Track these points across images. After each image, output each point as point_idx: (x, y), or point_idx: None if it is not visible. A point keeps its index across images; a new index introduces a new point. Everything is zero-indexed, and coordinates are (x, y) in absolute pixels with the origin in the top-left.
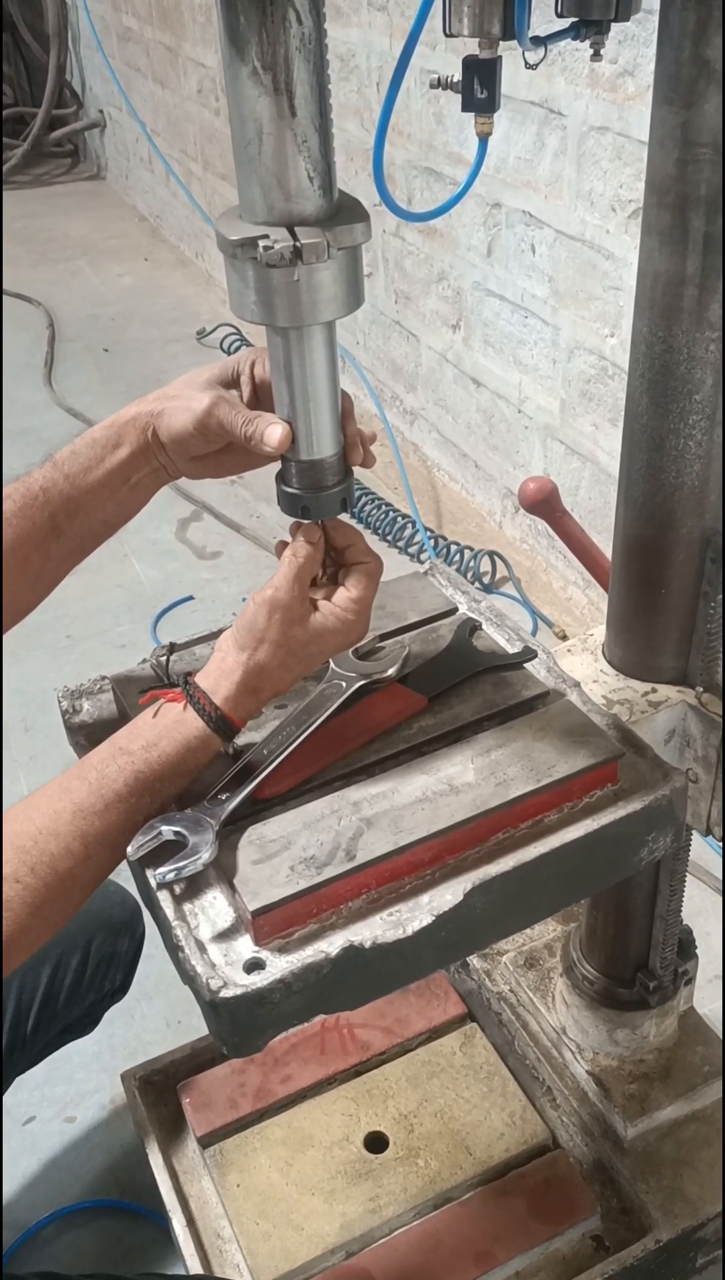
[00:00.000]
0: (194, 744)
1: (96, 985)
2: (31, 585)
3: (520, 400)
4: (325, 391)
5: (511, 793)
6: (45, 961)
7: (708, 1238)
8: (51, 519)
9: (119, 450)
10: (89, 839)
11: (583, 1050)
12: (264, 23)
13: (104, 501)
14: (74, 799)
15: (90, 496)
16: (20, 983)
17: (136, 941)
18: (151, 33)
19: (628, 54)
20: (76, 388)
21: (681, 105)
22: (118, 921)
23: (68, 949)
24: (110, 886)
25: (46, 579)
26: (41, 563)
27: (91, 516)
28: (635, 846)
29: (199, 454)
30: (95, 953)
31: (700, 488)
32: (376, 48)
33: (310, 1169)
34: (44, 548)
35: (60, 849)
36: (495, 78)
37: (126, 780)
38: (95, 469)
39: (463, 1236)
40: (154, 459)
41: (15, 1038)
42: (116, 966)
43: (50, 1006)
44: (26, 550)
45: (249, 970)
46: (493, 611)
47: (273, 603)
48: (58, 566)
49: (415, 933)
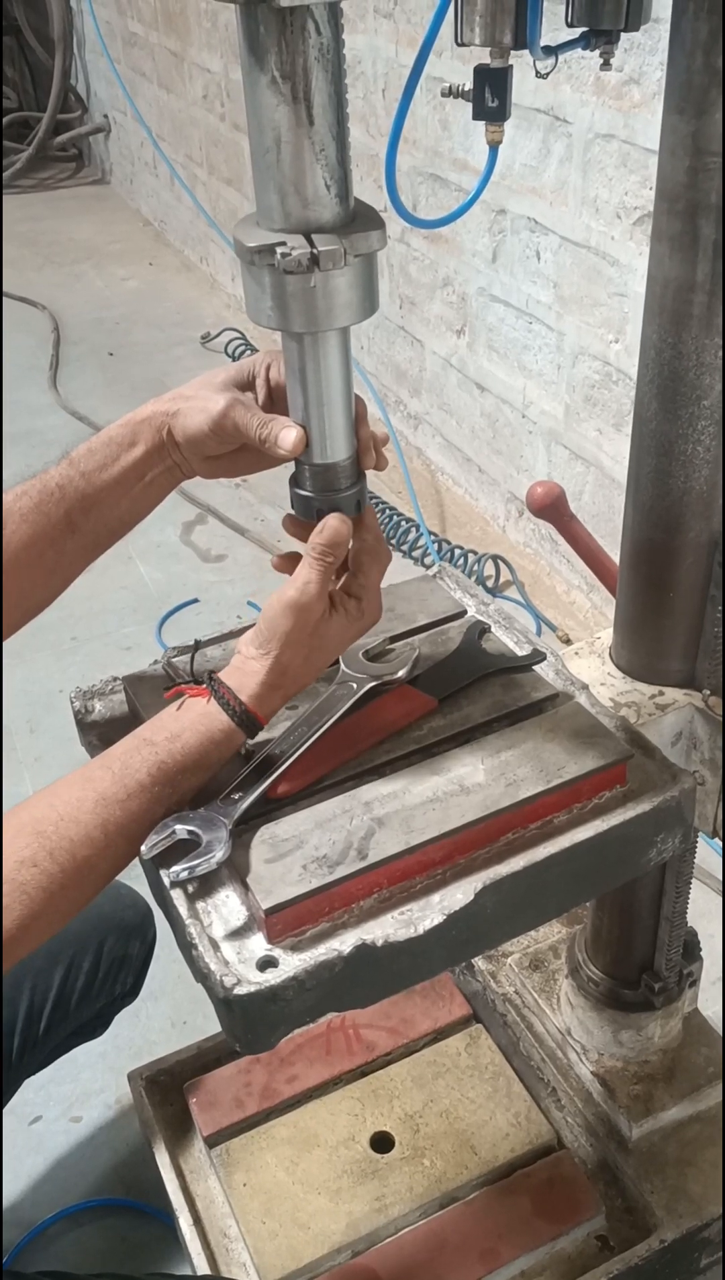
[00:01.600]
0: (217, 737)
1: (108, 988)
2: (46, 581)
3: (524, 405)
4: (339, 396)
5: (521, 793)
6: (58, 963)
7: (712, 1238)
8: (67, 515)
9: (134, 449)
10: (109, 828)
11: (587, 1051)
12: (283, 33)
13: (118, 499)
14: (96, 788)
15: (105, 493)
16: (33, 984)
17: (148, 945)
18: (157, 38)
19: (634, 62)
20: (81, 391)
21: (693, 114)
22: (129, 924)
23: (79, 951)
24: (122, 889)
25: (61, 575)
26: (56, 558)
27: (106, 513)
28: (644, 847)
29: (213, 454)
30: (107, 955)
31: (708, 492)
32: (382, 54)
33: (316, 1168)
34: (59, 544)
35: (81, 836)
36: (506, 87)
37: (150, 770)
38: (111, 467)
39: (468, 1236)
40: (168, 458)
41: (27, 1039)
42: (128, 969)
43: (62, 1008)
44: (42, 546)
45: (262, 968)
46: (501, 614)
47: (297, 606)
48: (72, 563)
49: (427, 931)
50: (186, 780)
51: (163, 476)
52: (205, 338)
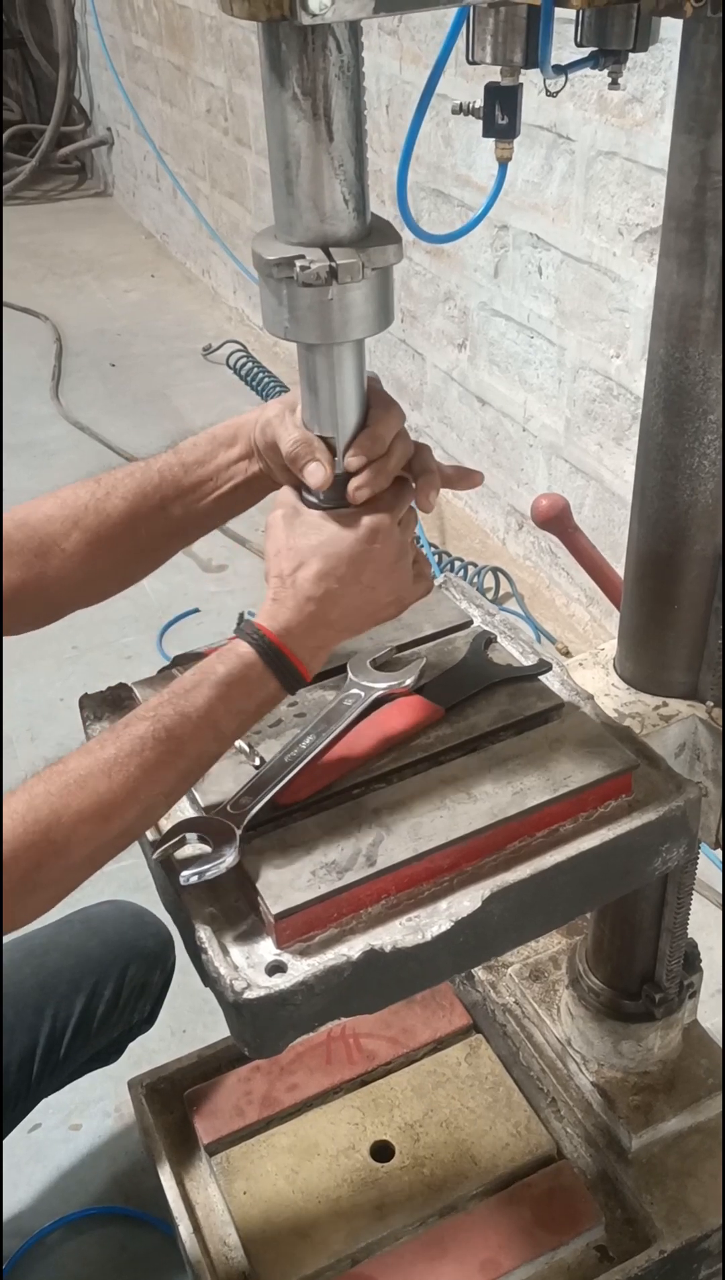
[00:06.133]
0: (236, 672)
1: (126, 1016)
2: (135, 558)
3: (525, 419)
4: (353, 407)
5: (528, 802)
6: (80, 990)
7: (711, 1249)
8: (162, 500)
9: (232, 448)
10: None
11: (587, 1062)
12: (305, 50)
13: (207, 493)
14: (120, 742)
15: (197, 486)
16: (55, 1010)
17: (167, 974)
18: (160, 52)
19: (636, 81)
20: (83, 401)
21: (701, 133)
22: (151, 952)
23: (101, 979)
24: (146, 916)
25: (150, 556)
26: (148, 538)
27: (194, 505)
28: (649, 856)
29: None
30: (129, 983)
31: (713, 505)
32: (386, 71)
33: (316, 1177)
34: (151, 523)
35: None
36: (516, 104)
37: (155, 733)
38: (208, 462)
39: (468, 1245)
40: (260, 463)
41: (47, 1063)
42: (146, 998)
43: (83, 1034)
44: (136, 523)
45: (271, 972)
46: (507, 625)
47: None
48: (159, 546)
49: (434, 938)
50: (210, 729)
51: (253, 481)
52: (207, 350)
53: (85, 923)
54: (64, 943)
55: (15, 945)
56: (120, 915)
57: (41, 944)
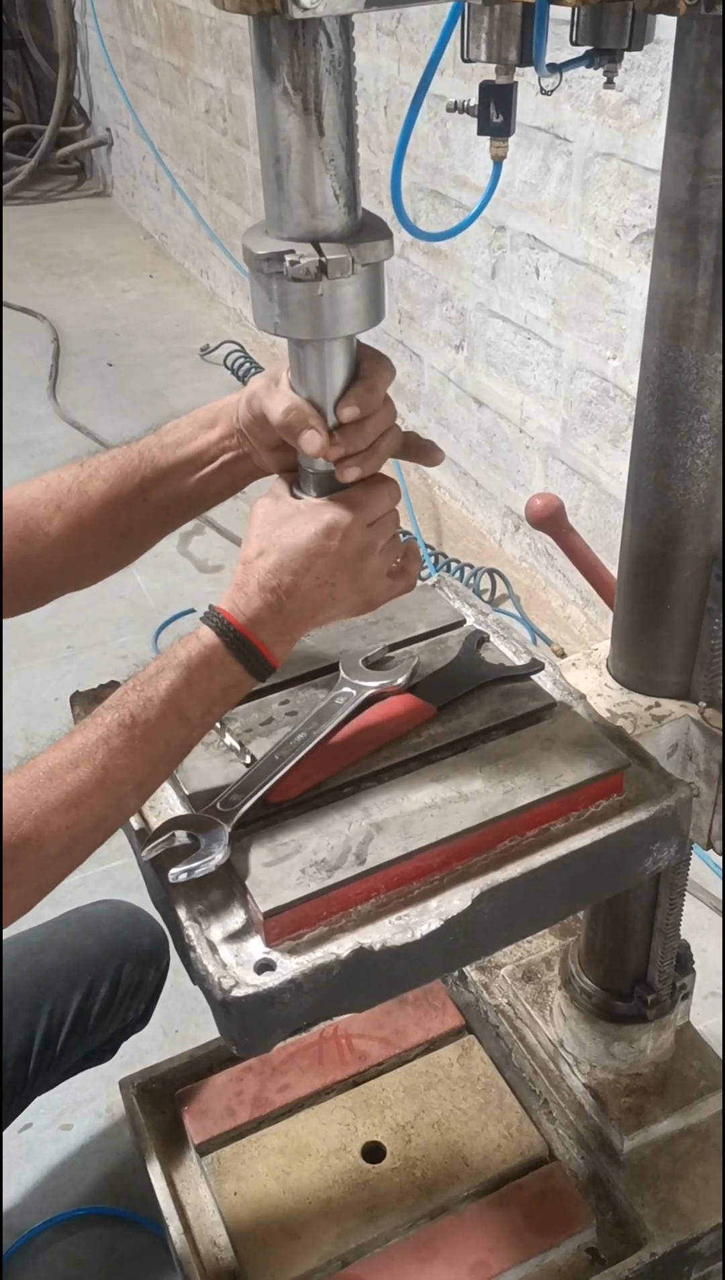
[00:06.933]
0: (197, 655)
1: (121, 1014)
2: (116, 543)
3: (522, 420)
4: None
5: (519, 801)
6: (76, 987)
7: (703, 1252)
8: (141, 483)
9: (213, 430)
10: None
11: (580, 1063)
12: (296, 45)
13: (187, 475)
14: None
15: (177, 468)
16: (51, 1007)
17: (162, 972)
18: (160, 53)
19: (634, 82)
20: (80, 401)
21: (695, 132)
22: (146, 951)
23: (97, 977)
24: (141, 915)
25: (132, 541)
26: (127, 523)
27: (175, 487)
28: (640, 856)
29: (275, 444)
30: (124, 981)
31: (707, 505)
32: (384, 71)
33: (307, 1178)
34: (131, 508)
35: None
36: (511, 103)
37: (117, 723)
38: (188, 444)
39: (459, 1247)
40: (242, 444)
41: (42, 1061)
42: (141, 996)
43: (78, 1031)
44: (116, 508)
45: (260, 971)
46: (500, 624)
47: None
48: (140, 531)
49: (424, 937)
50: (173, 716)
51: (234, 463)
52: (204, 350)
53: (81, 921)
54: (60, 940)
55: (12, 943)
56: (116, 914)
57: (38, 942)
